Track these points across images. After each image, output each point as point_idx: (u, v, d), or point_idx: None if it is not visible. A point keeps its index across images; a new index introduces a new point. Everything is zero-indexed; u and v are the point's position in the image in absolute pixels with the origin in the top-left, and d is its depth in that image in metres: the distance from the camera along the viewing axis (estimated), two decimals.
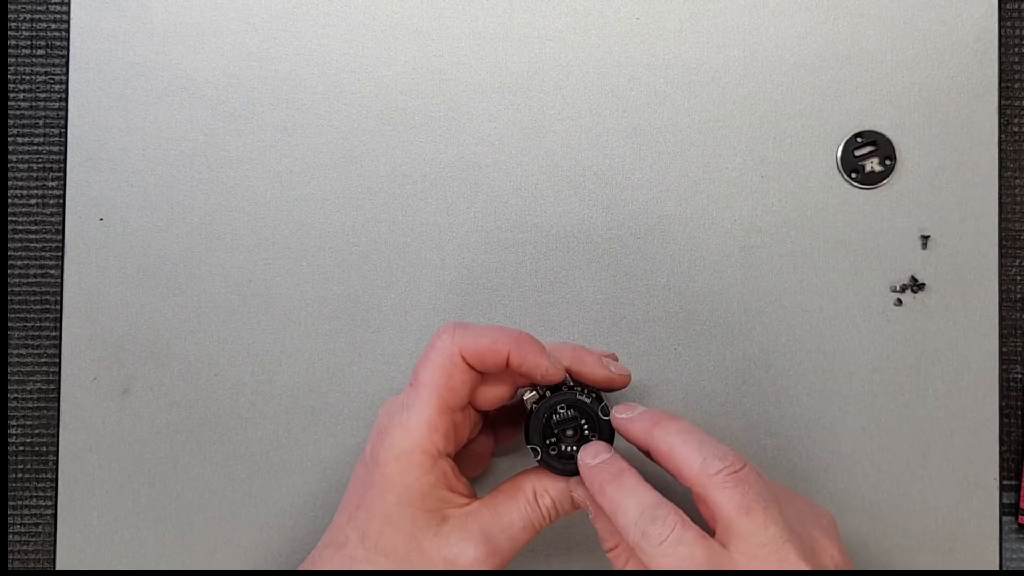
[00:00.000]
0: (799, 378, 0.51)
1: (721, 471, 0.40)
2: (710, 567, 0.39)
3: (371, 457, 0.44)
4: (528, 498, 0.44)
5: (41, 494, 0.51)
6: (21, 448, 0.51)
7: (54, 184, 0.52)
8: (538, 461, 0.44)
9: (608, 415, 0.44)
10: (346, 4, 0.52)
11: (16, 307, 0.51)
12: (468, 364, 0.43)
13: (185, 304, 0.51)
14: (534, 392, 0.45)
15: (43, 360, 0.51)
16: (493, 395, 0.45)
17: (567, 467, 0.44)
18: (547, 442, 0.44)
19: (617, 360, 0.48)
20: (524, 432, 0.45)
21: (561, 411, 0.44)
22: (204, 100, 0.52)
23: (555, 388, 0.45)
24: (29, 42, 0.52)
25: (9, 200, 0.52)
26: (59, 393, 0.51)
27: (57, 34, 0.52)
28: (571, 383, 0.45)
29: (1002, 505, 0.51)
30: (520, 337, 0.43)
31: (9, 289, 0.51)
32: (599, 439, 0.44)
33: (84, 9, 0.52)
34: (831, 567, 0.41)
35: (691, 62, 0.52)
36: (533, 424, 0.44)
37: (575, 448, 0.44)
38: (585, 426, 0.44)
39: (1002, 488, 0.51)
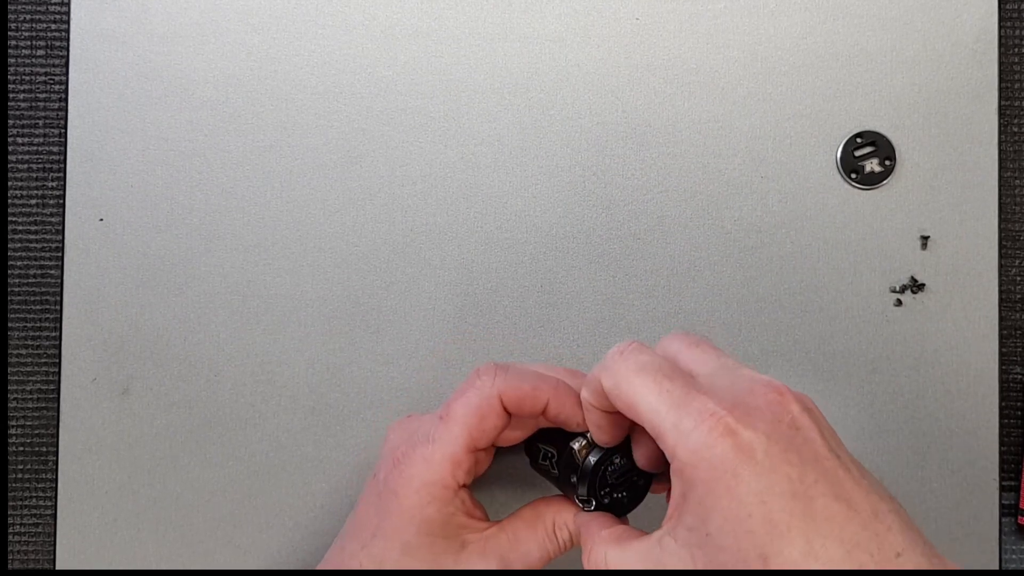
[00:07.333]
0: (799, 378, 0.51)
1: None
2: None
3: (385, 485, 0.43)
4: (548, 529, 0.44)
5: (41, 494, 0.51)
6: (21, 448, 0.51)
7: (54, 184, 0.52)
8: (590, 510, 0.43)
9: None
10: (346, 4, 0.52)
11: (16, 307, 0.51)
12: (504, 408, 0.42)
13: (185, 304, 0.51)
14: (584, 439, 0.43)
15: (43, 360, 0.51)
16: (514, 436, 0.45)
17: (619, 511, 0.43)
18: (601, 492, 0.43)
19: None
20: (561, 479, 0.44)
21: (616, 461, 0.43)
22: (204, 100, 0.52)
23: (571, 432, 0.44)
24: (29, 42, 0.52)
25: (9, 200, 0.52)
26: (59, 393, 0.51)
27: (57, 34, 0.52)
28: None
29: (1002, 506, 0.51)
30: (560, 386, 0.43)
31: (9, 289, 0.51)
32: (644, 484, 0.44)
33: (84, 9, 0.52)
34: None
35: (691, 62, 0.52)
36: (590, 477, 0.43)
37: (624, 494, 0.43)
38: (635, 476, 0.43)
39: (1002, 488, 0.51)
